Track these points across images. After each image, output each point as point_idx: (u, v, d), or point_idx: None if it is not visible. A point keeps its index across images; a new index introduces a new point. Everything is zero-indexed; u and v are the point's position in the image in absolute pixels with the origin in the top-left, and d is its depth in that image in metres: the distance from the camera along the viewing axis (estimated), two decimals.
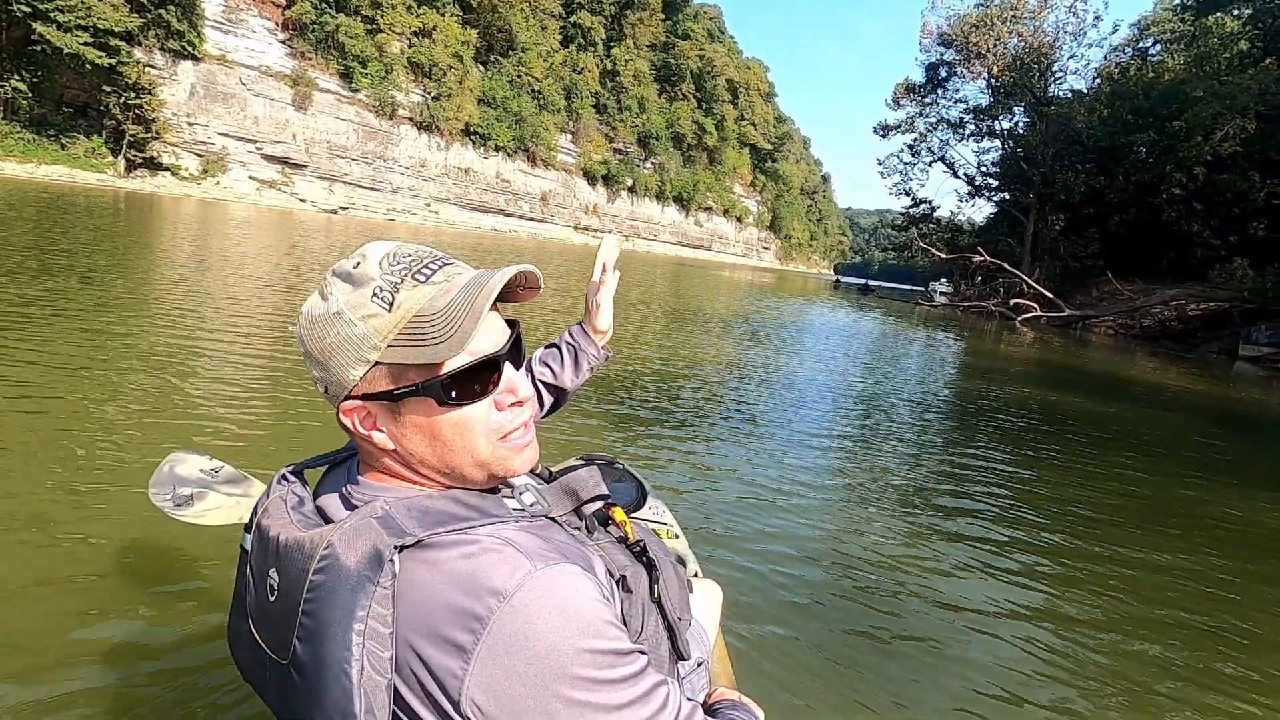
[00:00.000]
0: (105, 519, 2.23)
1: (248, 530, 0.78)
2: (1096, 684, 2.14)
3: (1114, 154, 32.45)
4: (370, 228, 35.27)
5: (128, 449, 2.82)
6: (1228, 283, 24.15)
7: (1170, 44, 36.45)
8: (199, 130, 47.65)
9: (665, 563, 0.89)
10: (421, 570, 0.62)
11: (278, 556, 0.68)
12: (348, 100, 57.21)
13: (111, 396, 3.44)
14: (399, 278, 0.66)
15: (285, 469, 0.81)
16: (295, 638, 0.64)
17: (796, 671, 1.98)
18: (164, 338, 4.82)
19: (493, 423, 0.71)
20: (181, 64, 46.30)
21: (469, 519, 0.66)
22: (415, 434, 0.69)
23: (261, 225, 22.84)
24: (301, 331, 0.70)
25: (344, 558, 0.61)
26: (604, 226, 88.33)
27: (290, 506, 0.74)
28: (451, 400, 0.68)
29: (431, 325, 0.65)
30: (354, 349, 0.66)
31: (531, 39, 74.45)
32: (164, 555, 2.07)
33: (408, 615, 0.61)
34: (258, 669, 0.74)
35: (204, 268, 9.49)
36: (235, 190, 48.51)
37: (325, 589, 0.62)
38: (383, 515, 0.64)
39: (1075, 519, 3.71)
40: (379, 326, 0.65)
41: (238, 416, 3.42)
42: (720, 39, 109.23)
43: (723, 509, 3.14)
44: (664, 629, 0.85)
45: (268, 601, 0.69)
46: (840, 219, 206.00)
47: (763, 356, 8.65)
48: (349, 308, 0.66)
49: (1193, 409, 9.39)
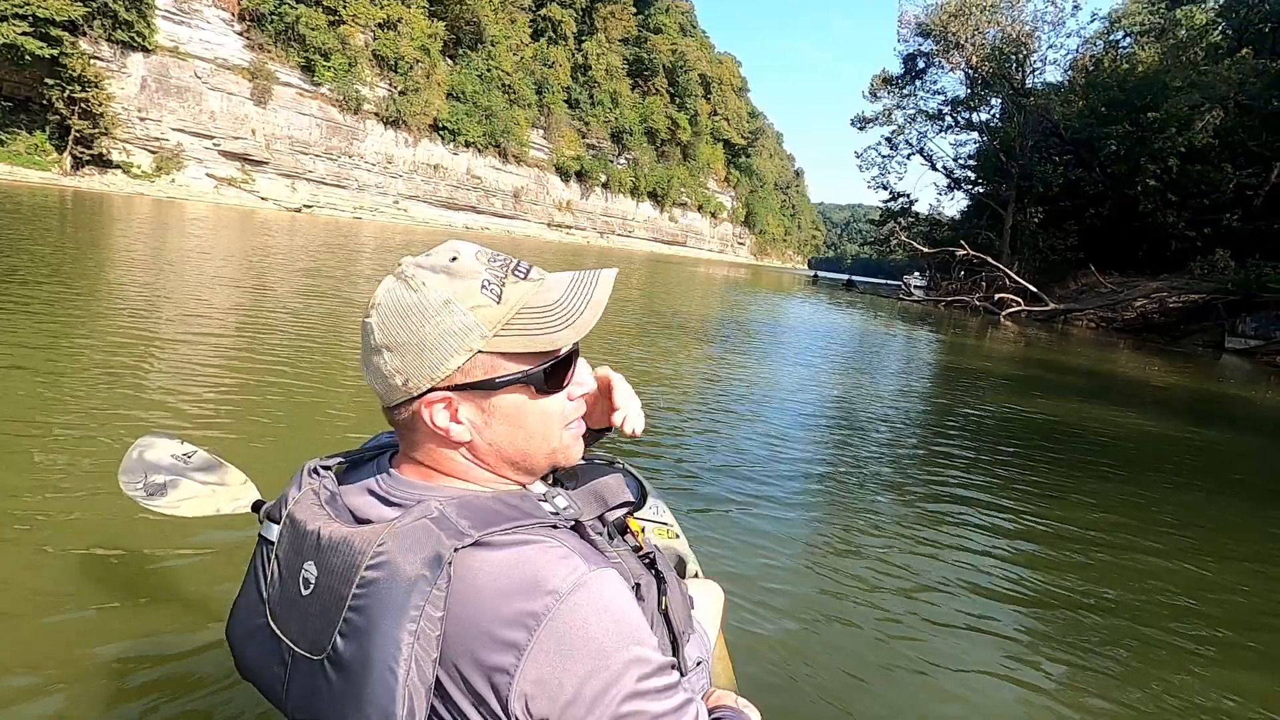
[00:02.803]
0: (71, 515, 2.26)
1: (272, 520, 0.77)
2: (1097, 684, 2.14)
3: (1090, 146, 32.49)
4: (337, 226, 34.47)
5: (86, 444, 2.83)
6: (1210, 274, 24.12)
7: (1141, 36, 36.66)
8: (151, 126, 45.41)
9: (671, 575, 0.91)
10: (475, 569, 0.63)
11: (317, 550, 0.68)
12: (310, 95, 55.18)
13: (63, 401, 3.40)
14: (503, 273, 0.70)
15: (313, 462, 0.81)
16: (338, 633, 0.64)
17: (796, 671, 1.98)
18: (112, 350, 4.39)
19: (567, 411, 0.75)
20: (131, 56, 44.04)
21: (517, 519, 0.67)
22: (502, 424, 0.72)
23: (220, 225, 21.96)
24: (385, 322, 0.69)
25: (400, 557, 0.62)
26: (578, 223, 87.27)
27: (324, 501, 0.74)
28: (548, 388, 0.72)
29: (545, 316, 0.69)
30: (459, 338, 0.67)
31: (501, 32, 72.90)
32: (130, 549, 2.10)
33: (460, 614, 0.62)
34: (269, 664, 0.73)
35: (159, 270, 8.59)
36: (192, 188, 46.43)
37: (379, 586, 0.62)
38: (438, 515, 0.65)
39: (1079, 528, 3.59)
40: (488, 316, 0.67)
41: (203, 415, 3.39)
42: (692, 33, 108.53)
43: (721, 509, 3.15)
44: (669, 641, 0.85)
45: (300, 595, 0.69)
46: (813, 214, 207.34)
47: (760, 357, 8.65)
48: (458, 298, 0.67)
49: (1197, 411, 9.09)
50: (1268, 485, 5.41)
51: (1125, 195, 30.43)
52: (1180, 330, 23.13)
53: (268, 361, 4.76)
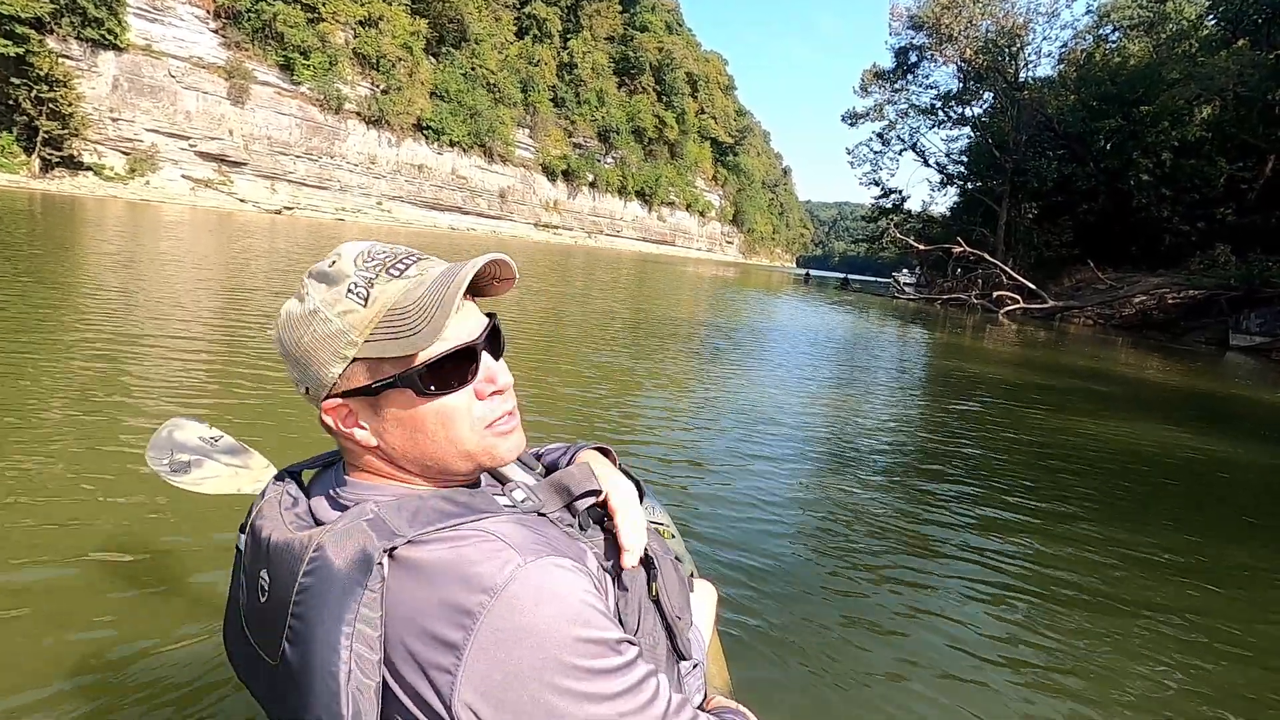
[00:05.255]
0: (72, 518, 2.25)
1: (242, 530, 0.78)
2: (1096, 683, 2.10)
3: (1083, 140, 32.16)
4: (318, 228, 33.59)
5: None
6: (1211, 270, 23.71)
7: (1130, 30, 36.40)
8: (124, 126, 44.15)
9: (664, 560, 0.88)
10: (411, 569, 0.62)
11: (268, 558, 0.68)
12: (289, 94, 54.02)
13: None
14: (373, 273, 0.67)
15: (286, 468, 0.82)
16: (284, 640, 0.65)
17: (793, 671, 1.98)
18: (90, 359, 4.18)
19: (476, 413, 0.71)
20: (102, 54, 42.81)
21: (459, 515, 0.66)
22: (396, 428, 0.69)
23: (197, 228, 21.11)
24: (280, 334, 0.71)
25: (333, 560, 0.62)
26: (565, 223, 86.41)
27: (284, 507, 0.74)
28: (430, 390, 0.68)
29: (406, 318, 0.65)
30: (331, 345, 0.67)
31: (485, 30, 71.95)
32: (147, 549, 2.10)
33: (398, 615, 0.61)
34: (250, 668, 0.74)
35: (135, 272, 7.96)
36: (167, 190, 45.22)
37: (313, 592, 0.62)
38: (372, 517, 0.64)
39: (1079, 528, 3.49)
40: (355, 322, 0.66)
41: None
42: (679, 31, 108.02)
43: (719, 508, 3.16)
44: (662, 628, 0.84)
45: (259, 603, 0.69)
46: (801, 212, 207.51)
47: (758, 359, 8.58)
48: (324, 305, 0.67)
49: (1212, 414, 8.57)
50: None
51: (1119, 190, 30.10)
52: (1181, 327, 22.66)
53: (259, 362, 4.76)
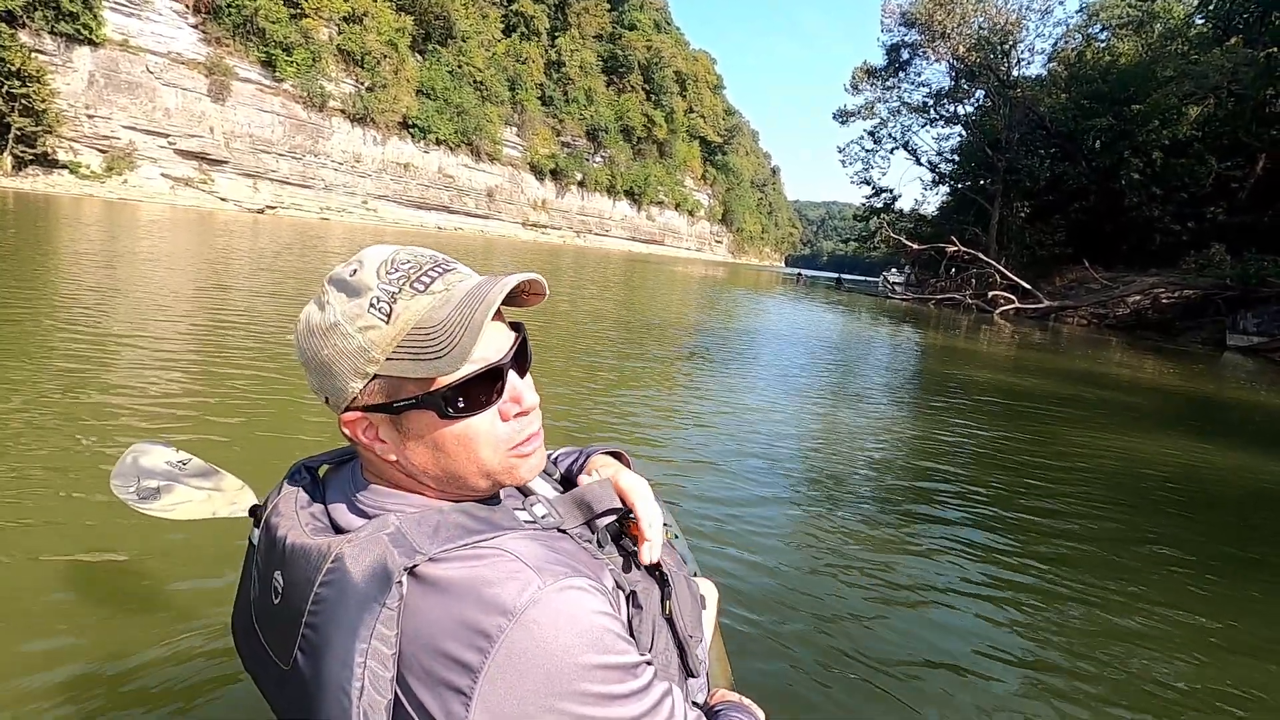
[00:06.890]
0: (57, 519, 2.26)
1: (256, 525, 0.77)
2: (1094, 683, 2.11)
3: (1075, 139, 32.06)
4: (302, 227, 32.92)
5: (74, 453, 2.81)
6: (1206, 269, 23.56)
7: (1119, 29, 36.39)
8: (100, 123, 43.10)
9: (678, 578, 0.88)
10: (430, 587, 0.61)
11: (284, 560, 0.67)
12: (271, 91, 53.02)
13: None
14: (397, 287, 0.64)
15: (303, 461, 0.80)
16: (297, 648, 0.64)
17: (794, 665, 1.99)
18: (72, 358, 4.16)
19: (500, 434, 0.69)
20: (77, 49, 41.72)
21: (480, 531, 0.65)
22: (418, 446, 0.68)
23: (177, 228, 20.45)
24: (299, 342, 0.68)
25: (352, 574, 0.61)
26: (554, 223, 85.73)
27: (300, 506, 0.73)
28: (454, 413, 0.66)
29: (430, 339, 0.63)
30: (351, 361, 0.64)
31: (472, 27, 71.16)
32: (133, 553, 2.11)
33: (415, 633, 0.60)
34: (259, 663, 0.74)
35: (118, 271, 7.50)
36: (146, 189, 44.19)
37: (330, 604, 0.61)
38: (394, 530, 0.63)
39: (1080, 530, 3.47)
40: (376, 339, 0.63)
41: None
42: (667, 30, 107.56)
43: (719, 507, 3.14)
44: (674, 645, 0.83)
45: (272, 604, 0.68)
46: (790, 211, 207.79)
47: (755, 360, 8.58)
48: (345, 319, 0.64)
49: (1221, 417, 8.29)
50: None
51: (1110, 189, 30.00)
52: (1176, 327, 22.50)
53: (246, 362, 4.72)
